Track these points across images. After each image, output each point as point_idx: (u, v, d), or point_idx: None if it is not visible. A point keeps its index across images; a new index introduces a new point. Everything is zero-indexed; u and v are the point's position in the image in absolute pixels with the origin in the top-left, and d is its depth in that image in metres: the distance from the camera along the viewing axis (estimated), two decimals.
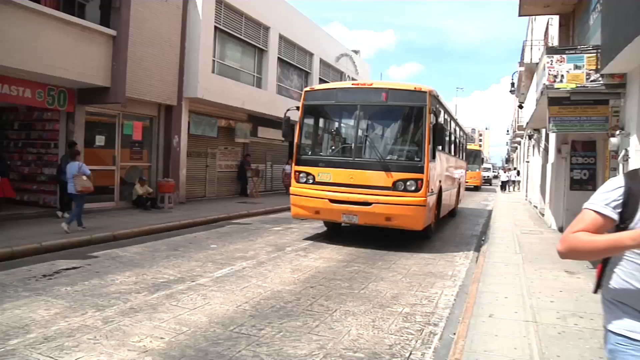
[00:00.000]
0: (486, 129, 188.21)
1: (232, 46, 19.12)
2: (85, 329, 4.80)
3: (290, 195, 10.51)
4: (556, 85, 8.21)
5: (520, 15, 13.67)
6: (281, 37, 21.75)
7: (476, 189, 34.55)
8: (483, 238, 11.74)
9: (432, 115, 9.69)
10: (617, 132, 7.62)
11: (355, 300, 6.22)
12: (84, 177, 10.28)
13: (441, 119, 11.00)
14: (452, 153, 15.02)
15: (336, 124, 11.86)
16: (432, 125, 9.68)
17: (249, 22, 19.36)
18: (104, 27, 12.32)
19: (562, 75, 8.14)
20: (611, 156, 8.12)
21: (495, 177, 52.29)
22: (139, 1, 13.69)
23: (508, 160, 69.53)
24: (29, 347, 4.32)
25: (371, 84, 10.61)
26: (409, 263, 8.63)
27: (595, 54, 7.87)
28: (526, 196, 26.95)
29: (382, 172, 9.55)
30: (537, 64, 11.88)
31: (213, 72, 17.43)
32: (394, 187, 9.44)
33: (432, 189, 10.02)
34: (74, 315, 5.22)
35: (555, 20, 14.70)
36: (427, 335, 5.09)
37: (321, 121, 11.58)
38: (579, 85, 8.08)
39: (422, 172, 9.41)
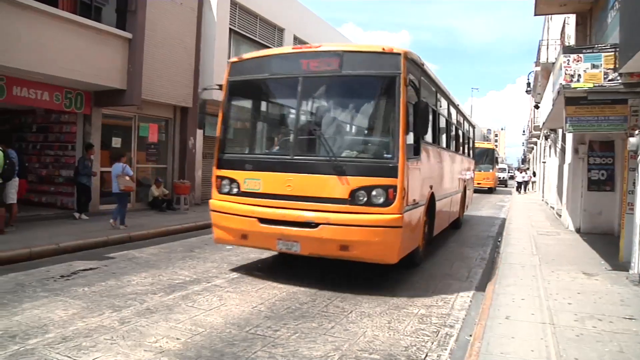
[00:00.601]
0: (502, 129, 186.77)
1: (247, 48, 19.14)
2: (103, 330, 4.85)
3: (210, 212, 7.58)
4: (573, 85, 8.10)
5: (536, 15, 13.52)
6: (296, 38, 21.75)
7: (490, 190, 33.90)
8: (499, 239, 11.63)
9: (409, 89, 6.74)
10: (636, 131, 7.51)
11: (370, 301, 6.19)
12: (127, 178, 11.00)
13: (429, 98, 8.20)
14: (453, 148, 11.78)
15: (270, 107, 8.67)
16: (414, 105, 6.79)
17: (264, 23, 19.41)
18: (120, 30, 12.46)
19: (579, 75, 8.03)
20: (630, 156, 7.99)
21: (511, 177, 51.63)
22: (155, 4, 13.82)
23: (524, 160, 68.92)
24: (47, 346, 4.38)
25: (318, 47, 7.22)
26: (426, 265, 8.58)
27: (613, 53, 7.76)
28: (542, 197, 26.69)
29: (335, 177, 6.50)
30: (553, 63, 11.76)
31: None
32: (353, 199, 6.41)
33: (414, 200, 7.04)
34: (91, 315, 5.28)
35: (572, 19, 14.54)
36: (443, 337, 5.06)
37: (251, 104, 8.45)
38: (597, 84, 7.97)
39: (395, 175, 6.35)
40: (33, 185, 13.62)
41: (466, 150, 14.80)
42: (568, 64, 8.05)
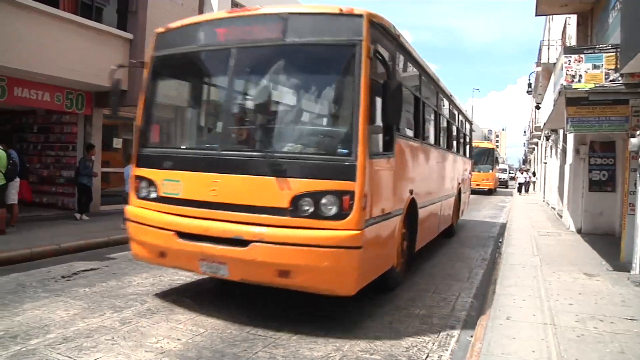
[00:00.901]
0: (503, 129, 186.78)
1: None
2: (103, 330, 4.85)
3: (126, 221, 6.05)
4: (574, 85, 8.10)
5: (537, 15, 13.57)
6: None
7: (490, 192, 33.55)
8: (500, 240, 11.62)
9: (375, 62, 5.11)
10: (638, 132, 7.51)
11: (372, 301, 6.18)
12: None
13: (408, 80, 6.86)
14: (443, 145, 10.00)
15: (198, 89, 6.59)
16: (383, 84, 5.08)
17: None
18: (121, 30, 12.48)
19: (580, 75, 8.03)
20: (631, 157, 7.99)
21: (512, 178, 51.51)
22: (155, 5, 13.82)
23: (525, 161, 68.92)
24: (48, 347, 4.38)
25: (257, 9, 5.47)
26: (426, 265, 8.58)
27: (614, 53, 7.76)
28: (543, 198, 26.68)
29: (272, 179, 4.89)
30: (554, 64, 11.76)
31: None
32: (295, 208, 4.80)
33: (383, 209, 5.43)
34: (92, 316, 5.28)
35: (573, 19, 14.55)
36: (444, 337, 5.05)
37: (177, 85, 6.83)
38: (598, 85, 7.97)
39: (353, 178, 4.72)
40: (34, 186, 13.65)
41: (461, 148, 13.13)
42: (569, 64, 8.05)
